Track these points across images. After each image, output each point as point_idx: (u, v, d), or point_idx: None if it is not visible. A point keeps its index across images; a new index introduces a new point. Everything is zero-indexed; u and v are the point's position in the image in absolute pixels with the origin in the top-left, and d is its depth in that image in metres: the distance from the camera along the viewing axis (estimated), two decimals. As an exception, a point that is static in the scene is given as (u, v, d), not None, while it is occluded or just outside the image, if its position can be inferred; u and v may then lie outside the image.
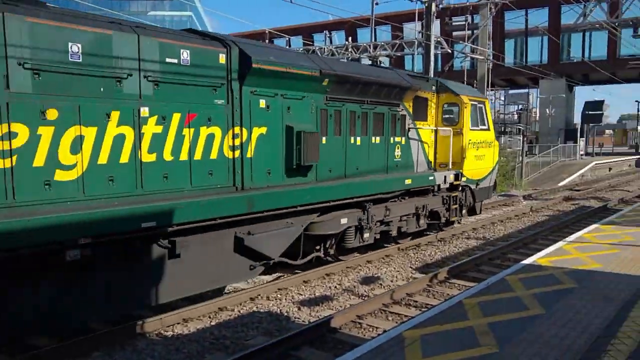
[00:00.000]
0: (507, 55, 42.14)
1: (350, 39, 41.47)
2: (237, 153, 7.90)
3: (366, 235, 10.41)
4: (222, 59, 7.69)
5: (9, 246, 5.21)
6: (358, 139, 10.42)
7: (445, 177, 12.36)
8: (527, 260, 8.53)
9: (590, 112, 44.50)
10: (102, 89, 6.32)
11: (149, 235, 6.54)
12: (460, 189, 13.14)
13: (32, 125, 5.65)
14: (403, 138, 11.67)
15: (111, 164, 6.35)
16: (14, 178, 5.50)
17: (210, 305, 8.04)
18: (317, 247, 9.90)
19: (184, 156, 7.20)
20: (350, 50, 38.41)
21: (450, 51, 31.78)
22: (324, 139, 9.49)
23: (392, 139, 11.32)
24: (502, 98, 47.80)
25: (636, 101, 70.34)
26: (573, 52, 41.96)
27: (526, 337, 5.04)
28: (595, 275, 7.32)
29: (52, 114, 5.82)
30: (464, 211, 13.70)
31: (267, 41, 41.46)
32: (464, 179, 13.11)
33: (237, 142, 7.91)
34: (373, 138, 10.83)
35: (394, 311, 8.05)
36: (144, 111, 6.73)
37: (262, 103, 8.30)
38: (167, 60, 6.96)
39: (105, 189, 6.29)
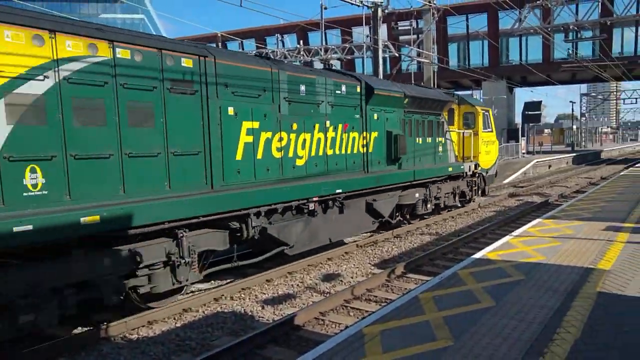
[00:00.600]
0: (451, 58, 43.05)
1: (301, 42, 41.57)
2: (364, 149, 12.22)
3: (428, 205, 14.88)
4: (358, 89, 12.03)
5: (288, 199, 9.50)
6: (420, 139, 14.73)
7: (469, 166, 17.01)
8: (477, 255, 8.77)
9: (529, 112, 45.89)
10: (312, 111, 10.59)
11: (333, 198, 10.86)
12: (477, 175, 17.87)
13: (288, 133, 9.95)
14: (443, 138, 16.05)
15: (314, 155, 10.69)
16: (283, 166, 9.86)
17: (175, 307, 8.00)
18: (399, 213, 14.10)
19: (343, 151, 11.55)
20: (302, 53, 38.51)
21: (397, 55, 32.33)
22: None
23: (437, 139, 15.68)
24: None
25: (570, 102, 73.21)
26: (512, 56, 43.23)
27: (479, 329, 5.21)
28: (540, 268, 7.61)
29: (294, 127, 10.07)
30: (479, 192, 18.64)
31: (219, 44, 41.05)
32: (479, 168, 17.82)
33: (364, 142, 12.23)
34: (427, 138, 15.16)
35: (355, 307, 8.18)
36: (327, 123, 11.01)
37: (375, 116, 12.59)
38: (337, 92, 11.34)
39: (312, 170, 10.63)
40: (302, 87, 10.26)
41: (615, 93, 72.80)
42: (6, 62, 5.81)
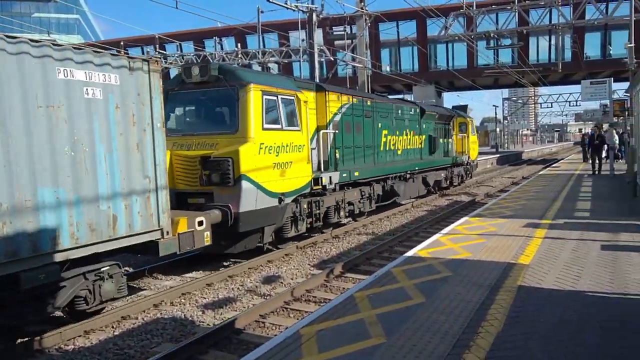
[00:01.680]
0: (384, 63, 43.83)
1: (239, 45, 41.21)
2: (420, 145, 20.05)
3: (448, 182, 23.50)
4: (418, 110, 20.07)
5: (399, 171, 17.81)
6: (442, 139, 22.81)
7: (466, 158, 25.69)
8: (409, 253, 9.01)
9: (456, 115, 47.33)
10: (402, 124, 18.50)
11: (411, 173, 18.58)
12: (466, 164, 26.23)
13: (396, 136, 17.97)
14: (450, 139, 24.26)
15: (403, 149, 18.50)
16: (394, 154, 17.90)
17: (113, 315, 7.76)
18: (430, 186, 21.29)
19: (412, 146, 19.42)
20: (240, 56, 38.18)
21: (333, 59, 32.63)
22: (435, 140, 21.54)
23: (449, 140, 24.07)
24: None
25: (494, 105, 76.10)
26: (439, 62, 44.55)
27: (410, 325, 5.37)
28: (467, 264, 7.92)
29: (397, 132, 18.07)
30: (470, 175, 27.86)
31: (157, 46, 40.12)
32: (469, 159, 26.71)
33: (420, 141, 20.11)
34: (443, 139, 23.15)
35: (295, 308, 8.20)
36: (407, 131, 18.85)
37: (424, 126, 20.38)
38: (410, 112, 19.29)
39: (403, 157, 18.35)
40: (399, 111, 18.37)
41: (533, 98, 76.41)
42: (332, 109, 13.56)
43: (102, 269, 7.40)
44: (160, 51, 39.98)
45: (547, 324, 5.27)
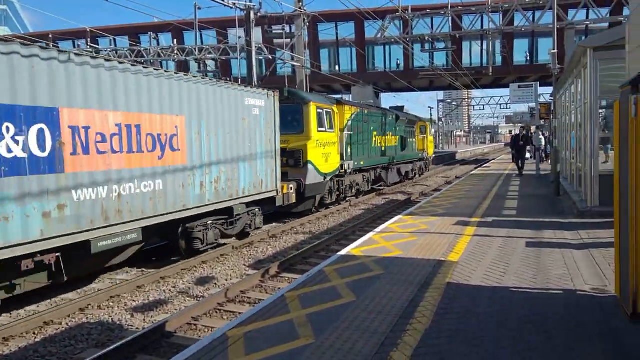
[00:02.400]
0: (323, 63, 43.99)
1: (175, 41, 40.25)
2: (395, 143, 25.82)
3: (413, 173, 29.58)
4: (394, 116, 26.25)
5: (385, 163, 24.43)
6: (409, 139, 28.78)
7: (425, 154, 32.21)
8: (343, 252, 9.01)
9: (393, 116, 48.21)
10: (384, 127, 24.22)
11: (391, 163, 24.90)
12: (426, 159, 32.92)
13: (380, 136, 23.75)
14: (414, 139, 30.17)
15: (386, 146, 24.31)
16: (380, 150, 23.74)
17: (35, 320, 7.36)
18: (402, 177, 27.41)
19: (390, 144, 25.22)
20: (176, 52, 37.30)
21: (271, 57, 32.45)
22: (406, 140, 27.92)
23: (413, 139, 29.72)
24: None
25: (429, 107, 78.08)
26: (377, 63, 45.16)
27: (340, 324, 5.35)
28: (398, 262, 8.00)
29: (381, 132, 23.80)
30: (427, 169, 34.49)
31: (88, 40, 38.58)
32: (428, 155, 33.30)
33: (395, 140, 25.89)
34: (410, 139, 28.96)
35: (229, 309, 8.04)
36: (387, 132, 24.74)
37: (398, 128, 26.53)
38: (389, 118, 25.18)
39: (384, 152, 24.15)
40: (383, 118, 23.93)
41: (466, 100, 78.90)
42: (346, 116, 19.02)
43: (254, 210, 12.99)
44: (93, 45, 38.48)
45: (473, 320, 5.38)
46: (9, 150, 6.85)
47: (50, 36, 38.02)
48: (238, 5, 22.13)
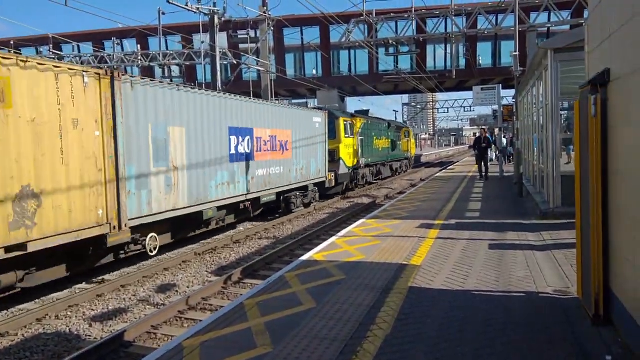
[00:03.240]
0: (288, 68, 43.76)
1: (139, 47, 39.52)
2: (388, 146, 32.99)
3: (401, 169, 37.95)
4: (388, 124, 34.30)
5: (381, 160, 31.91)
6: (398, 142, 36.18)
7: (408, 154, 40.83)
8: (305, 257, 8.84)
9: (359, 120, 48.42)
10: (380, 133, 31.04)
11: (385, 161, 32.28)
12: (409, 159, 41.38)
13: (379, 140, 30.90)
14: (400, 142, 37.09)
15: (382, 147, 31.40)
16: (377, 150, 31.12)
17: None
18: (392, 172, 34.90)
19: (385, 147, 32.06)
20: (140, 58, 36.58)
21: (236, 62, 32.09)
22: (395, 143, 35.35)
23: (399, 142, 36.89)
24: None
25: (394, 110, 78.61)
26: (342, 67, 45.20)
27: (299, 332, 5.16)
28: (360, 266, 7.85)
29: (378, 136, 31.11)
30: (411, 166, 42.44)
31: (51, 46, 37.57)
32: (410, 155, 42.07)
33: (388, 143, 32.83)
34: (398, 142, 36.34)
35: (190, 317, 7.84)
36: (383, 136, 31.75)
37: (390, 133, 33.65)
38: (383, 126, 32.74)
39: (381, 152, 31.16)
40: (380, 125, 31.10)
41: (431, 103, 79.79)
42: (358, 125, 25.69)
43: (315, 189, 20.23)
44: (55, 52, 37.48)
45: (434, 325, 5.26)
46: (236, 149, 14.18)
47: (12, 42, 36.80)
48: (202, 10, 21.84)
